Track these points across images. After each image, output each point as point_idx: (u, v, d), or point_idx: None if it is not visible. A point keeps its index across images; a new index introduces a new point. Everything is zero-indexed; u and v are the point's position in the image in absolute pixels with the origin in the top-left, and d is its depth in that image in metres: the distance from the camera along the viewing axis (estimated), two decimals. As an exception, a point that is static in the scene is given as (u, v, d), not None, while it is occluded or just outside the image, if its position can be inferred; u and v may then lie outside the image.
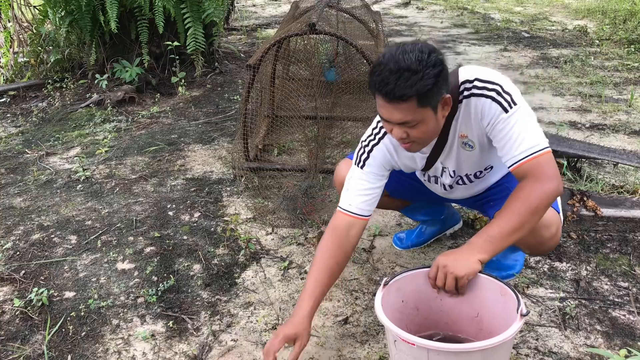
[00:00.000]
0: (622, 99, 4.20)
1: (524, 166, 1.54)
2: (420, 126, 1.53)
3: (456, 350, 1.38)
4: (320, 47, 3.40)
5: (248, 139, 3.06)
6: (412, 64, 1.43)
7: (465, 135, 1.68)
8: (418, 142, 1.60)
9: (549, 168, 1.53)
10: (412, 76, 1.43)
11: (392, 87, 1.44)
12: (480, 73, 1.60)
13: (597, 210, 2.39)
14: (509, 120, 1.55)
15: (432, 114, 1.52)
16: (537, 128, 1.57)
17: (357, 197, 1.74)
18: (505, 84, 1.58)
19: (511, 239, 1.52)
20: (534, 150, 1.53)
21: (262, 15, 8.31)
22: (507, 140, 1.56)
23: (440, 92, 1.49)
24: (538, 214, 1.52)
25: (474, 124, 1.63)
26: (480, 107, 1.59)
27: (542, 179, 1.51)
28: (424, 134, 1.56)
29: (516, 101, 1.56)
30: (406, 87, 1.43)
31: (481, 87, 1.58)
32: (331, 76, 3.85)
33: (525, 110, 1.57)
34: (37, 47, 4.89)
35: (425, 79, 1.43)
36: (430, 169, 1.84)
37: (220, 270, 2.29)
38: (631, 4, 7.78)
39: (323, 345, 1.85)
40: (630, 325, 1.90)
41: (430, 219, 2.33)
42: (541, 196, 1.50)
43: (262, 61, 2.97)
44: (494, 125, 1.58)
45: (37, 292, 2.15)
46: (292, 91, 3.31)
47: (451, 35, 6.78)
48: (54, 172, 3.27)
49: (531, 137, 1.54)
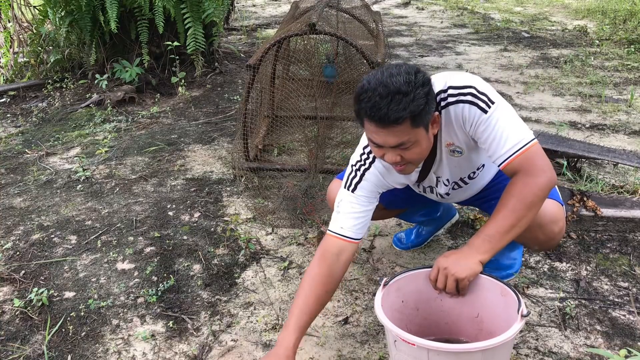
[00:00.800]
0: (622, 99, 4.20)
1: (513, 163, 1.53)
2: (414, 147, 1.52)
3: (456, 350, 1.38)
4: (320, 47, 3.40)
5: (248, 139, 3.06)
6: (402, 86, 1.41)
7: (451, 143, 1.67)
8: (412, 163, 1.58)
9: (539, 160, 1.53)
10: (404, 98, 1.41)
11: (385, 111, 1.42)
12: (451, 80, 1.59)
13: (597, 210, 2.39)
14: (489, 120, 1.54)
15: (425, 133, 1.51)
16: (518, 122, 1.56)
17: (349, 221, 1.69)
18: (479, 85, 1.57)
19: (509, 237, 1.52)
20: (520, 146, 1.53)
21: (262, 15, 8.31)
22: (492, 140, 1.55)
23: (431, 110, 1.49)
24: (534, 208, 1.52)
25: (457, 130, 1.62)
26: (460, 113, 1.58)
27: (534, 172, 1.51)
28: (418, 155, 1.55)
29: (493, 100, 1.55)
30: (400, 110, 1.41)
31: (456, 95, 1.57)
32: (329, 71, 3.84)
33: (504, 107, 1.57)
34: (37, 47, 4.89)
35: (417, 100, 1.42)
36: (424, 180, 1.83)
37: (220, 270, 2.29)
38: (631, 4, 7.78)
39: (323, 345, 1.85)
40: (630, 325, 1.90)
41: (426, 219, 2.33)
42: (535, 190, 1.50)
43: (262, 61, 2.97)
44: (477, 127, 1.57)
45: (37, 292, 2.15)
46: (292, 91, 3.31)
47: (451, 35, 6.78)
48: (54, 172, 3.27)
49: (515, 133, 1.54)
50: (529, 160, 1.52)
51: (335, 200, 1.76)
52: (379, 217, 2.19)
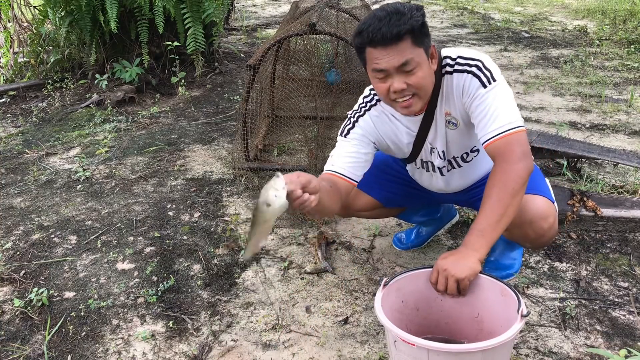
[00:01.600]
0: (622, 99, 4.20)
1: (495, 144, 1.57)
2: (417, 71, 1.55)
3: (456, 350, 1.38)
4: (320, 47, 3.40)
5: (248, 139, 3.06)
6: (399, 8, 1.52)
7: (449, 112, 1.72)
8: (418, 93, 1.60)
9: (519, 147, 1.56)
10: (402, 17, 1.50)
11: (386, 29, 1.49)
12: (462, 52, 1.66)
13: (597, 210, 2.39)
14: (486, 95, 1.59)
15: (426, 57, 1.57)
16: (513, 106, 1.60)
17: (340, 159, 1.75)
18: (487, 61, 1.62)
19: (500, 227, 1.54)
20: (506, 128, 1.56)
21: (262, 15, 8.31)
22: (482, 116, 1.60)
23: (428, 35, 1.56)
24: (518, 195, 1.54)
25: (457, 100, 1.67)
26: (461, 82, 1.63)
27: (511, 159, 1.54)
28: (422, 80, 1.57)
29: (495, 77, 1.60)
30: (400, 25, 1.49)
31: (463, 64, 1.63)
32: (332, 77, 3.85)
33: (504, 87, 1.61)
34: (37, 47, 4.89)
35: (415, 17, 1.51)
36: (419, 152, 1.85)
37: (220, 270, 2.29)
38: (631, 4, 7.79)
39: (323, 345, 1.85)
40: (630, 325, 1.90)
41: (427, 219, 2.33)
42: (514, 177, 1.53)
43: (262, 61, 2.97)
44: (472, 100, 1.62)
45: (37, 292, 2.15)
46: (292, 91, 3.31)
47: (451, 35, 6.78)
48: (54, 172, 3.27)
49: (505, 115, 1.57)
50: (509, 144, 1.56)
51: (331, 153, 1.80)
52: (379, 216, 2.20)
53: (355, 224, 2.59)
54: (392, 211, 2.20)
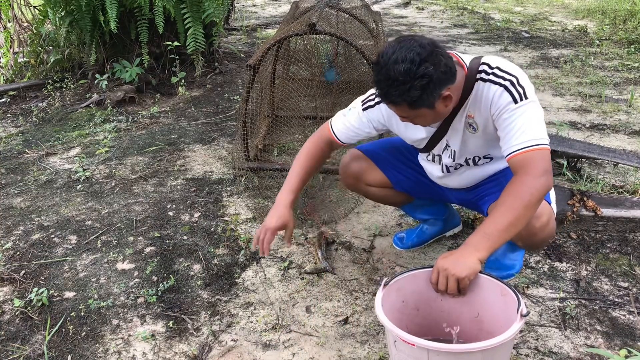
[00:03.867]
0: (622, 99, 4.20)
1: (519, 157, 1.59)
2: (418, 120, 1.67)
3: (456, 350, 1.38)
4: (320, 47, 3.40)
5: (248, 139, 3.05)
6: (400, 75, 1.50)
7: (472, 116, 1.74)
8: (422, 124, 1.73)
9: (542, 163, 1.57)
10: (401, 86, 1.52)
11: (385, 92, 1.57)
12: (502, 63, 1.67)
13: (597, 210, 2.39)
14: (516, 111, 1.61)
15: (428, 111, 1.61)
16: (541, 125, 1.61)
17: (346, 129, 1.95)
18: (522, 78, 1.64)
19: (507, 235, 1.54)
20: (531, 144, 1.58)
21: (262, 15, 8.31)
22: (509, 130, 1.62)
23: (433, 95, 1.55)
24: (532, 209, 1.55)
25: (483, 108, 1.69)
26: (492, 94, 1.64)
27: (533, 173, 1.55)
28: (423, 123, 1.72)
29: (528, 95, 1.61)
30: (396, 96, 1.55)
31: (499, 76, 1.64)
32: (331, 76, 3.85)
33: (535, 106, 1.62)
34: (37, 47, 4.89)
35: (412, 91, 1.52)
36: (434, 146, 1.90)
37: (220, 270, 2.29)
38: (631, 4, 7.79)
39: (323, 345, 1.85)
40: (630, 325, 1.90)
41: (431, 218, 2.33)
42: (532, 191, 1.54)
43: (262, 61, 2.97)
44: (501, 113, 1.63)
45: (37, 292, 2.15)
46: (292, 91, 3.31)
47: (451, 35, 6.78)
48: (54, 172, 3.27)
49: (532, 131, 1.59)
50: (533, 160, 1.57)
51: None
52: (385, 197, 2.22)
53: (355, 224, 2.59)
54: (398, 197, 2.21)
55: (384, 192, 2.17)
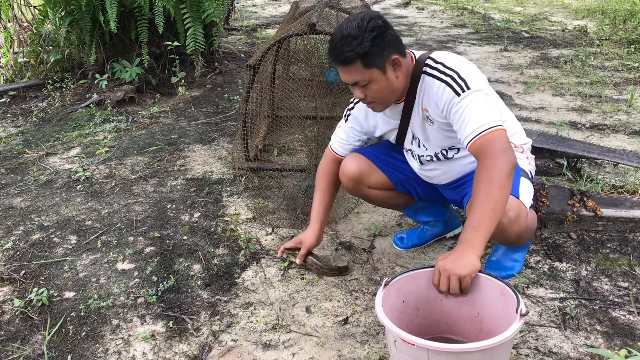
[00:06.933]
0: (622, 99, 4.20)
1: (475, 144, 1.66)
2: (371, 85, 1.73)
3: (456, 350, 1.38)
4: (320, 47, 3.40)
5: (248, 139, 3.05)
6: (353, 30, 1.65)
7: (426, 109, 1.83)
8: (377, 101, 1.80)
9: (498, 143, 1.63)
10: (353, 41, 1.65)
11: (339, 52, 1.67)
12: (446, 59, 1.77)
13: (597, 210, 2.39)
14: (461, 103, 1.69)
15: (380, 73, 1.71)
16: (489, 109, 1.68)
17: (341, 146, 2.12)
18: (464, 71, 1.71)
19: (493, 221, 1.57)
20: (483, 129, 1.64)
21: (262, 15, 8.31)
22: (461, 122, 1.69)
23: (383, 53, 1.68)
24: (505, 187, 1.59)
25: (433, 104, 1.81)
26: (436, 90, 1.75)
27: (492, 155, 1.61)
28: (377, 93, 1.76)
29: (470, 86, 1.69)
30: (348, 51, 1.65)
31: (442, 71, 1.74)
32: (331, 77, 3.85)
33: (479, 94, 1.69)
34: (37, 47, 4.89)
35: (364, 42, 1.65)
36: (404, 139, 2.00)
37: (220, 270, 2.29)
38: (631, 4, 7.79)
39: (323, 345, 1.85)
40: (630, 325, 1.90)
41: (432, 219, 2.33)
42: (497, 170, 1.59)
43: (262, 61, 2.97)
44: (450, 109, 1.72)
45: (37, 292, 2.15)
46: (292, 91, 3.31)
47: (451, 35, 6.78)
48: (54, 172, 3.27)
49: (481, 117, 1.66)
50: (488, 142, 1.63)
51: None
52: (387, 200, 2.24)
53: (355, 224, 2.59)
54: (400, 198, 2.23)
55: (385, 194, 2.18)
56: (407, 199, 2.24)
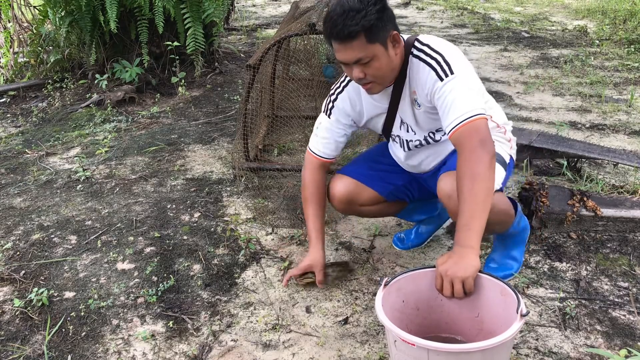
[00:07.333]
0: (622, 99, 4.20)
1: (455, 135, 1.63)
2: (373, 62, 1.66)
3: (456, 350, 1.38)
4: (320, 47, 3.40)
5: (248, 139, 3.05)
6: (355, 4, 1.59)
7: (415, 92, 1.80)
8: (376, 80, 1.72)
9: (476, 134, 1.60)
10: (357, 14, 1.58)
11: (341, 27, 1.59)
12: (432, 41, 1.74)
13: (597, 210, 2.39)
14: (444, 88, 1.66)
15: (383, 49, 1.65)
16: (471, 95, 1.64)
17: (325, 146, 1.99)
18: (449, 54, 1.68)
19: (483, 214, 1.55)
20: (463, 118, 1.62)
21: (262, 15, 8.31)
22: (443, 109, 1.67)
23: (386, 27, 1.63)
24: (487, 178, 1.57)
25: (420, 87, 1.76)
26: (422, 74, 1.72)
27: (470, 148, 1.59)
28: (378, 71, 1.68)
29: (454, 70, 1.66)
30: (352, 25, 1.58)
31: (427, 54, 1.71)
32: (330, 72, 3.84)
33: (463, 79, 1.65)
34: (37, 47, 4.89)
35: (369, 15, 1.58)
36: (392, 125, 1.94)
37: (220, 270, 2.29)
38: (631, 4, 7.79)
39: (323, 345, 1.85)
40: (630, 325, 1.90)
41: (426, 217, 2.33)
42: (477, 163, 1.57)
43: (262, 61, 2.97)
44: (434, 94, 1.70)
45: (37, 292, 2.15)
46: (292, 91, 3.31)
47: (451, 35, 6.78)
48: (54, 172, 3.27)
49: (462, 104, 1.62)
50: (467, 133, 1.61)
51: (316, 123, 2.01)
52: (381, 213, 2.21)
53: (356, 224, 2.59)
54: (393, 207, 2.21)
55: (378, 207, 2.15)
56: (399, 205, 2.22)
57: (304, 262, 2.03)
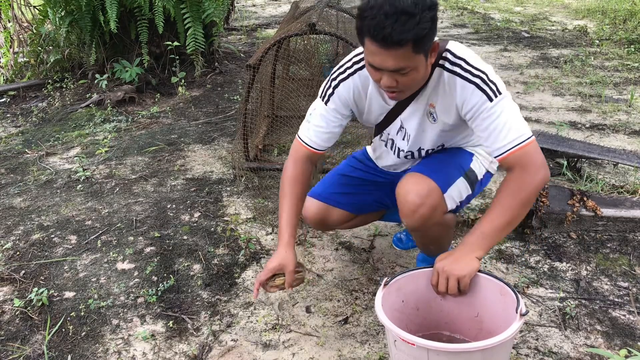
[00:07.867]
0: (622, 99, 4.20)
1: (511, 157, 1.53)
2: (412, 73, 1.48)
3: (456, 350, 1.38)
4: (320, 47, 3.40)
5: (248, 139, 3.06)
6: (409, 7, 1.35)
7: (434, 105, 1.65)
8: (405, 90, 1.56)
9: (537, 157, 1.53)
10: (410, 20, 1.35)
11: (389, 31, 1.36)
12: (467, 55, 1.57)
13: (597, 210, 2.39)
14: (494, 109, 1.53)
15: (424, 60, 1.47)
16: (520, 117, 1.56)
17: (317, 135, 1.79)
18: (490, 72, 1.56)
19: (503, 234, 1.54)
20: (520, 140, 1.52)
21: (262, 15, 8.31)
22: (492, 130, 1.54)
23: (433, 37, 1.45)
24: (528, 205, 1.54)
25: (448, 103, 1.61)
26: (461, 91, 1.56)
27: (531, 170, 1.52)
28: (413, 81, 1.52)
29: (501, 90, 1.54)
30: (404, 32, 1.35)
31: (467, 70, 1.55)
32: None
33: (510, 100, 1.56)
34: (37, 47, 4.89)
35: (423, 23, 1.37)
36: (388, 126, 1.80)
37: (220, 270, 2.29)
38: (631, 4, 7.79)
39: (323, 345, 1.85)
40: (630, 325, 1.90)
41: None
42: (531, 188, 1.52)
43: (262, 61, 2.97)
44: (479, 114, 1.55)
45: (37, 292, 2.15)
46: (292, 91, 3.31)
47: (451, 35, 6.78)
48: (54, 172, 3.27)
49: (516, 127, 1.53)
50: (526, 156, 1.52)
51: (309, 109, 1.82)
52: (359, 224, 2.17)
53: (355, 224, 2.59)
54: (371, 216, 2.17)
55: (354, 222, 2.11)
56: (378, 213, 2.17)
57: (272, 262, 1.74)
